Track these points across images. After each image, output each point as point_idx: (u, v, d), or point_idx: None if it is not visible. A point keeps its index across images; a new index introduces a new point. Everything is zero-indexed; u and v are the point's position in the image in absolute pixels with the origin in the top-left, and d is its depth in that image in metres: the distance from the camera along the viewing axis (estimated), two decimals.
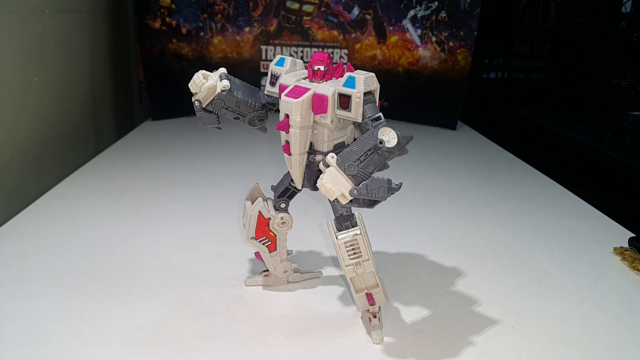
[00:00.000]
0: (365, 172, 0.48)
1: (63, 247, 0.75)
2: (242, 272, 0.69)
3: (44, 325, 0.56)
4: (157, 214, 0.88)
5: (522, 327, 0.59)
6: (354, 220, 0.54)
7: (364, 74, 0.50)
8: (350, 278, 0.54)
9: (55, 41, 1.14)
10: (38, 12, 1.07)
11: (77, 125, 1.28)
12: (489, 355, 0.54)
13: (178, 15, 1.54)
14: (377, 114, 0.50)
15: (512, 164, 1.28)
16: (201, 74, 0.54)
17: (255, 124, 0.58)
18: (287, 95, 0.51)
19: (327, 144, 0.53)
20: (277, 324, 0.58)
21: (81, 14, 1.30)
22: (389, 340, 0.56)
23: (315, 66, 0.52)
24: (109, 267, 0.70)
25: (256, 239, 0.61)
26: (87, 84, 1.35)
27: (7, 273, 0.67)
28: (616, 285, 0.70)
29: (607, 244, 0.82)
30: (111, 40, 1.51)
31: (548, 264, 0.75)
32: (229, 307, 0.61)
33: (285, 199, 0.61)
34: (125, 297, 0.63)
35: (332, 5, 1.60)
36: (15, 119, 1.00)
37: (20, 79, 1.01)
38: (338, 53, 1.64)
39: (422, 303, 0.63)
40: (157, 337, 0.55)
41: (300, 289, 0.66)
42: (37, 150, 1.07)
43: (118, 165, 1.13)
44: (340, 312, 0.61)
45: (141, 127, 1.50)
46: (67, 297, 0.62)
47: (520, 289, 0.68)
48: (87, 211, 0.88)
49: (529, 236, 0.85)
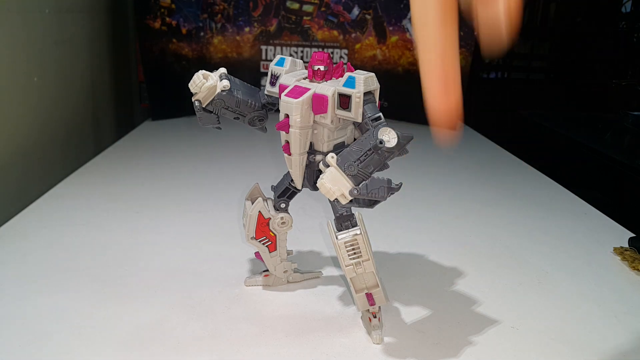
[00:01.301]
0: (365, 172, 0.48)
1: (63, 247, 0.75)
2: (242, 272, 0.69)
3: (44, 325, 0.56)
4: (157, 214, 0.88)
5: (522, 327, 0.59)
6: (354, 220, 0.54)
7: (364, 74, 0.50)
8: (350, 278, 0.54)
9: (56, 41, 1.14)
10: (38, 12, 1.07)
11: (77, 125, 1.28)
12: (489, 355, 0.54)
13: (178, 15, 1.54)
14: (377, 114, 0.50)
15: (512, 164, 1.28)
16: (201, 74, 0.54)
17: (255, 124, 0.58)
18: (287, 95, 0.51)
19: (327, 144, 0.53)
20: (277, 324, 0.58)
21: (81, 14, 1.30)
22: (389, 340, 0.56)
23: (315, 66, 0.52)
24: (109, 267, 0.70)
25: (256, 239, 0.61)
26: (87, 84, 1.35)
27: (7, 273, 0.67)
28: (616, 285, 0.70)
29: (607, 244, 0.82)
30: (111, 40, 1.51)
31: (548, 264, 0.75)
32: (229, 307, 0.61)
33: (285, 199, 0.61)
34: (125, 297, 0.63)
35: (332, 5, 1.60)
36: (15, 119, 1.00)
37: (21, 79, 1.01)
38: (338, 53, 1.64)
39: (422, 303, 0.63)
40: (157, 337, 0.55)
41: (300, 289, 0.66)
42: (37, 151, 1.07)
43: (118, 165, 1.13)
44: (340, 312, 0.61)
45: (141, 127, 1.50)
46: (67, 297, 0.62)
47: (520, 289, 0.68)
48: (87, 211, 0.88)
49: (529, 236, 0.85)
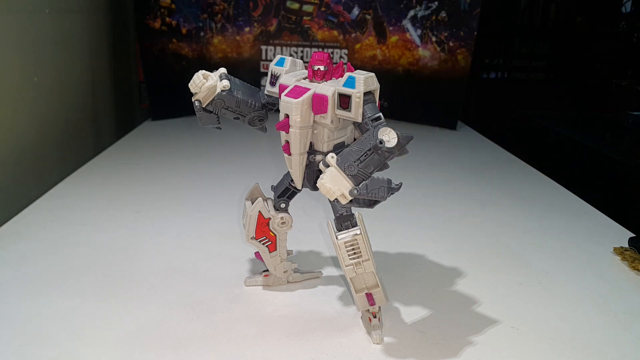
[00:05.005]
0: (365, 172, 0.48)
1: (63, 247, 0.75)
2: (242, 272, 0.69)
3: (44, 325, 0.56)
4: (157, 214, 0.88)
5: (522, 327, 0.59)
6: (354, 220, 0.54)
7: (364, 74, 0.50)
8: (350, 278, 0.54)
9: (55, 41, 1.14)
10: (38, 12, 1.07)
11: (77, 125, 1.28)
12: (489, 355, 0.54)
13: (178, 15, 1.54)
14: (377, 114, 0.50)
15: (512, 164, 1.28)
16: (201, 74, 0.54)
17: (255, 124, 0.58)
18: (287, 95, 0.51)
19: (327, 144, 0.53)
20: (277, 324, 0.58)
21: (81, 14, 1.30)
22: (389, 340, 0.56)
23: (315, 66, 0.52)
24: (109, 267, 0.70)
25: (256, 239, 0.61)
26: (87, 84, 1.35)
27: (7, 273, 0.67)
28: (616, 285, 0.70)
29: (607, 244, 0.82)
30: (111, 40, 1.51)
31: (548, 264, 0.75)
32: (229, 307, 0.61)
33: (285, 199, 0.61)
34: (125, 297, 0.63)
35: (332, 5, 1.60)
36: (15, 119, 1.00)
37: (20, 79, 1.01)
38: (338, 53, 1.64)
39: (422, 303, 0.63)
40: (157, 337, 0.55)
41: (300, 289, 0.66)
42: (36, 150, 1.07)
43: (118, 165, 1.13)
44: (340, 312, 0.61)
45: (141, 127, 1.50)
46: (67, 297, 0.62)
47: (520, 289, 0.68)
48: (87, 211, 0.88)
49: (529, 236, 0.85)
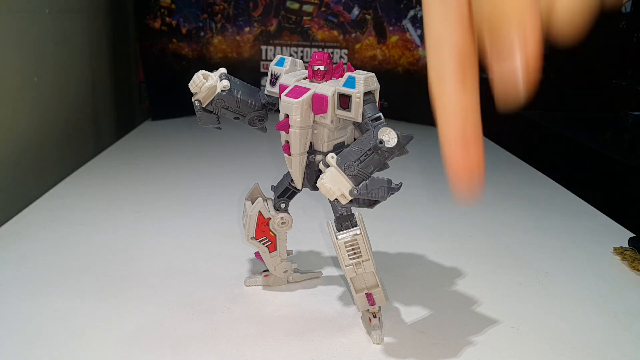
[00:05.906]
0: (365, 172, 0.48)
1: (63, 247, 0.75)
2: (242, 272, 0.69)
3: (44, 325, 0.56)
4: (157, 214, 0.88)
5: (522, 327, 0.59)
6: (354, 220, 0.54)
7: (364, 74, 0.50)
8: (350, 278, 0.54)
9: (55, 41, 1.14)
10: (38, 12, 1.07)
11: (77, 125, 1.28)
12: (489, 355, 0.54)
13: (178, 15, 1.54)
14: (377, 114, 0.50)
15: (512, 164, 1.28)
16: (201, 74, 0.54)
17: (255, 124, 0.58)
18: (287, 95, 0.51)
19: (327, 144, 0.53)
20: (277, 324, 0.58)
21: (81, 14, 1.30)
22: (389, 340, 0.56)
23: (315, 66, 0.52)
24: (109, 267, 0.70)
25: (256, 239, 0.61)
26: (87, 84, 1.35)
27: (7, 273, 0.67)
28: (616, 285, 0.70)
29: (607, 244, 0.82)
30: (111, 40, 1.51)
31: (548, 264, 0.75)
32: (229, 307, 0.61)
33: (285, 199, 0.60)
34: (125, 297, 0.63)
35: (332, 5, 1.60)
36: (15, 119, 1.00)
37: (20, 79, 1.01)
38: (338, 53, 1.64)
39: (422, 303, 0.63)
40: (157, 337, 0.55)
41: (300, 289, 0.66)
42: (37, 150, 1.07)
43: (118, 165, 1.13)
44: (340, 312, 0.61)
45: (141, 127, 1.50)
46: (67, 297, 0.62)
47: (520, 289, 0.68)
48: (87, 211, 0.88)
49: (529, 236, 0.85)
